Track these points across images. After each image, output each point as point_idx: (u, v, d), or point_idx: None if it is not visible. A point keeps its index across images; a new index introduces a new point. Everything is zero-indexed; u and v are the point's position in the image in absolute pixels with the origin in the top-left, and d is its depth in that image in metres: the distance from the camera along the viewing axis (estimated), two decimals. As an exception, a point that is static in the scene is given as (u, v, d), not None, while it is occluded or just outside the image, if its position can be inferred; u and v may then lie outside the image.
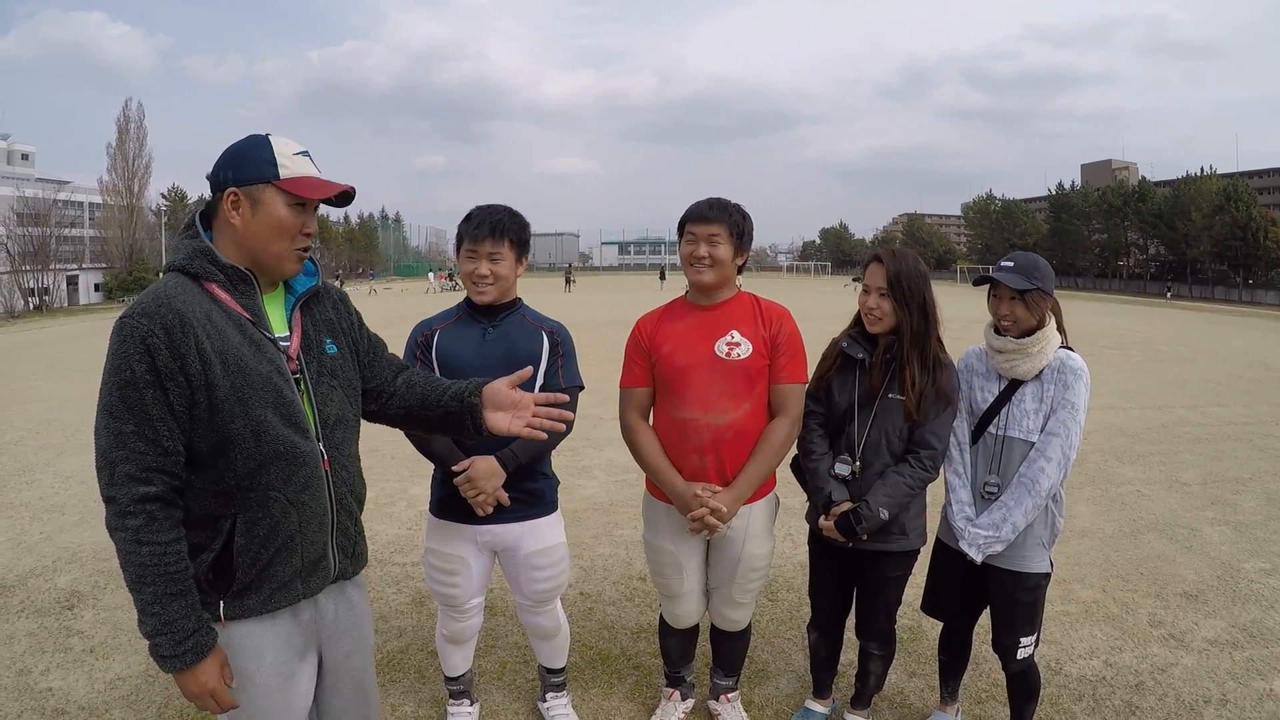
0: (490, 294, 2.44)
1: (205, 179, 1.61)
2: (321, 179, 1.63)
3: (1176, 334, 20.52)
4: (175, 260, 1.57)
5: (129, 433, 1.44)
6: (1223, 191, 54.89)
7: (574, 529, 4.81)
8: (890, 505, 2.41)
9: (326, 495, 1.65)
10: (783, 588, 3.99)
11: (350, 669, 1.78)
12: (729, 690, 2.81)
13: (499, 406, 1.80)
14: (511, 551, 2.54)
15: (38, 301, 37.41)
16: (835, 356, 2.59)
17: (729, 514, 2.37)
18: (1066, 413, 2.35)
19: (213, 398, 1.48)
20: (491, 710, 2.93)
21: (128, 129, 50.93)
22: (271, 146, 1.58)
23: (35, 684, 3.11)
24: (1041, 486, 2.34)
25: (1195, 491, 5.80)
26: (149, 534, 1.44)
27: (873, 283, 2.48)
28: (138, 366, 1.43)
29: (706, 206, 2.43)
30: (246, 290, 1.59)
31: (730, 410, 2.38)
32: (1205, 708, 2.94)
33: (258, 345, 1.56)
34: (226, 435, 1.50)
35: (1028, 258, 2.42)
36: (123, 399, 1.44)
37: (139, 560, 1.44)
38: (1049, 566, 2.45)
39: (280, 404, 1.56)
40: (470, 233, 2.40)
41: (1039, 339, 2.38)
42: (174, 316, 1.45)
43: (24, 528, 5.00)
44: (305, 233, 1.61)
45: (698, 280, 2.43)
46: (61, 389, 10.81)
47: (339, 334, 1.76)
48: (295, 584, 1.62)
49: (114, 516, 1.46)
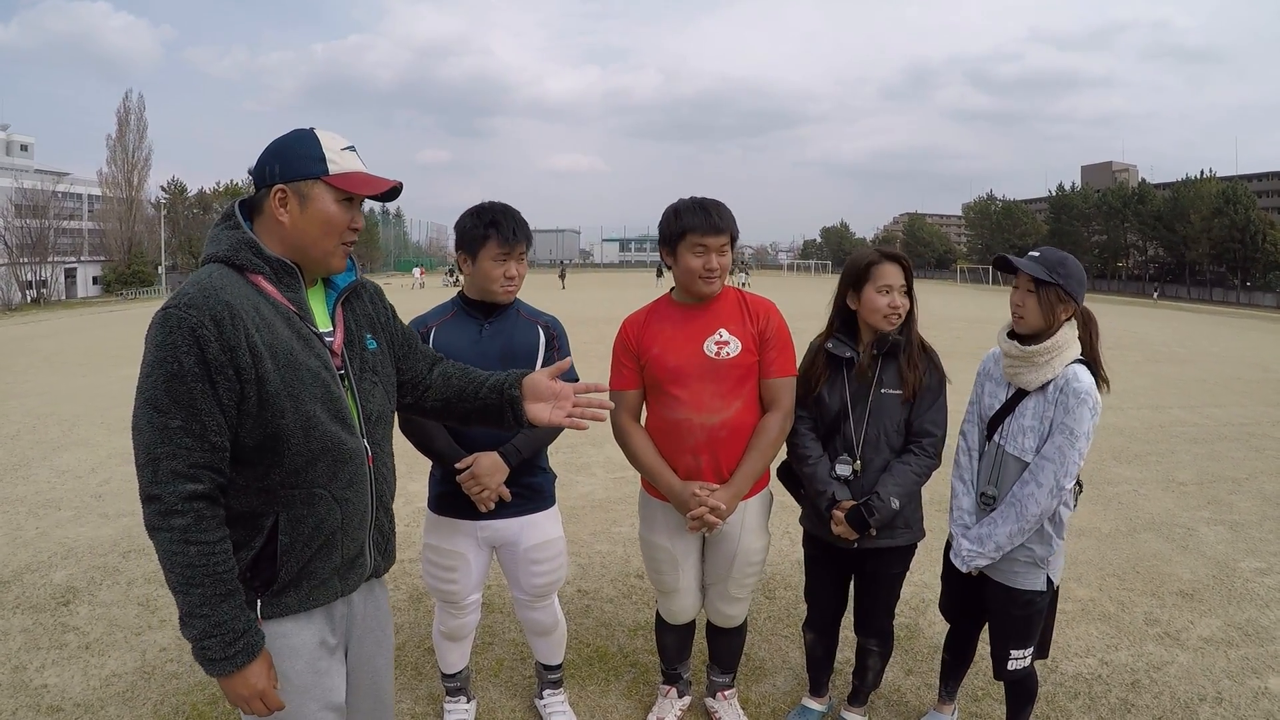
0: (514, 293, 2.48)
1: (248, 173, 1.59)
2: (370, 174, 1.60)
3: (1174, 335, 20.58)
4: (218, 251, 1.51)
5: (175, 428, 1.39)
6: (1222, 194, 55.04)
7: (572, 526, 4.82)
8: (900, 494, 2.40)
9: (369, 492, 1.64)
10: (780, 585, 3.99)
11: (373, 669, 1.76)
12: (726, 688, 2.81)
13: (539, 398, 1.79)
14: (510, 546, 2.54)
15: (35, 294, 37.34)
16: (819, 359, 2.56)
17: (728, 511, 2.37)
18: (1064, 438, 2.21)
19: (263, 392, 1.45)
20: (488, 707, 2.93)
21: (128, 121, 50.93)
22: (320, 141, 1.55)
23: (30, 680, 3.10)
24: (1029, 511, 2.25)
25: (1192, 491, 5.82)
26: (197, 533, 1.40)
27: (894, 282, 2.44)
28: (186, 359, 1.38)
29: (716, 217, 2.33)
30: (292, 284, 1.55)
31: (723, 409, 2.38)
32: (1200, 706, 2.95)
33: (305, 340, 1.54)
34: (276, 430, 1.47)
35: (1056, 253, 2.29)
36: (169, 392, 1.39)
37: (186, 560, 1.40)
38: (1045, 585, 2.36)
39: (328, 399, 1.54)
40: (503, 236, 2.38)
41: (1048, 349, 2.24)
42: (223, 308, 1.41)
43: (20, 523, 4.98)
44: (353, 228, 1.59)
45: (710, 291, 2.39)
46: (58, 383, 10.79)
47: (377, 329, 1.75)
48: (334, 581, 1.60)
49: (158, 515, 1.40)
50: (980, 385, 2.50)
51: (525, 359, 2.47)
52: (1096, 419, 2.24)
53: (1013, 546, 2.32)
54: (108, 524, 4.93)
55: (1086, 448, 2.23)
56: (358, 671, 1.74)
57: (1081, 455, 2.22)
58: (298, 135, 1.57)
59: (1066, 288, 2.24)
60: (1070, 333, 2.28)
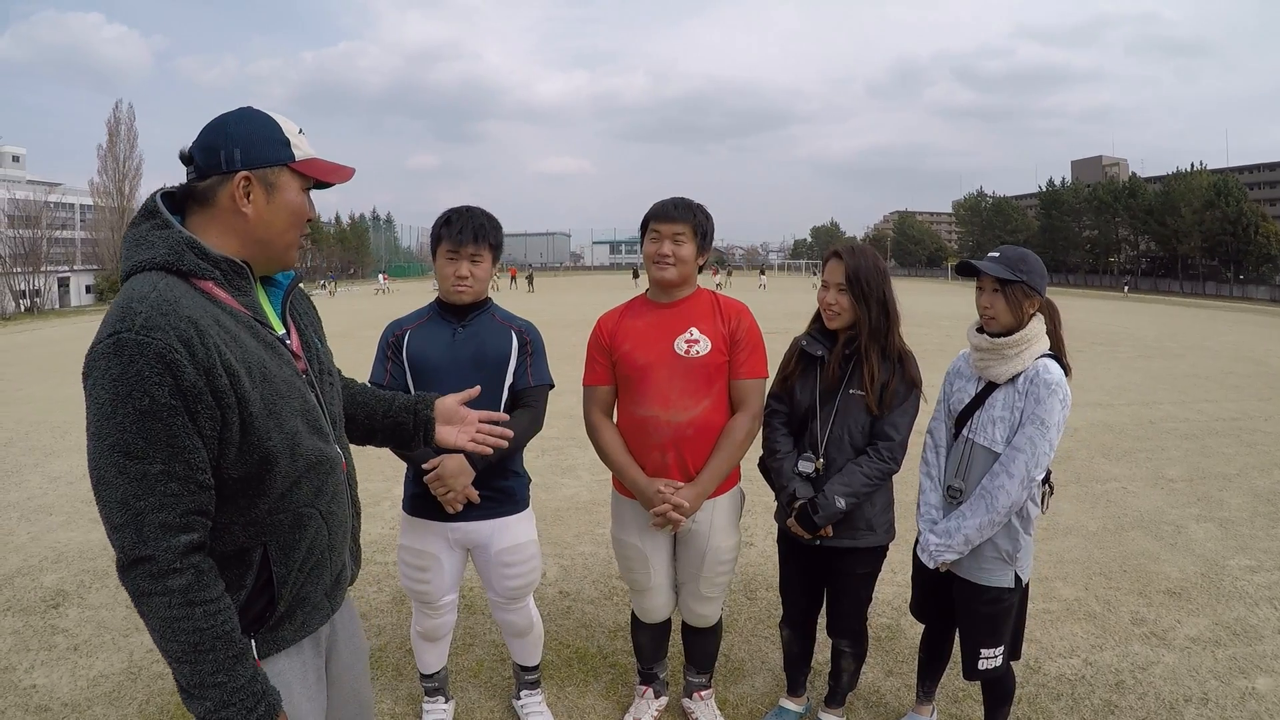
0: (469, 295, 2.48)
1: (180, 158, 1.36)
2: (330, 161, 1.47)
3: (1166, 329, 20.60)
4: (153, 255, 1.27)
5: (156, 473, 1.19)
6: (1213, 187, 55.10)
7: (556, 527, 4.82)
8: (847, 495, 2.40)
9: (347, 501, 1.55)
10: (761, 586, 3.96)
11: (353, 675, 1.71)
12: (702, 688, 2.80)
13: (449, 420, 1.81)
14: (483, 549, 2.55)
15: (29, 303, 37.23)
16: (796, 356, 2.59)
17: (691, 509, 2.38)
18: (1035, 429, 2.23)
19: (245, 415, 1.27)
20: (467, 707, 2.92)
21: (118, 131, 50.66)
22: (279, 124, 1.38)
23: (19, 681, 3.12)
24: (999, 503, 2.26)
25: (1181, 488, 5.81)
26: (199, 591, 1.22)
27: (831, 279, 2.47)
28: (157, 391, 1.17)
29: (672, 206, 2.44)
30: (244, 287, 1.37)
31: (690, 407, 2.39)
32: (1186, 706, 2.92)
33: (272, 348, 1.38)
34: (264, 455, 1.31)
35: (1016, 250, 2.33)
36: (142, 433, 1.18)
37: (193, 626, 1.21)
38: (1013, 582, 2.36)
39: (306, 410, 1.40)
40: (452, 236, 2.42)
41: (1017, 341, 2.28)
42: (188, 325, 1.21)
43: (11, 528, 5.00)
44: (310, 219, 1.47)
45: (661, 277, 2.44)
46: (51, 391, 10.76)
47: (318, 328, 1.64)
48: (324, 603, 1.50)
49: (149, 579, 1.19)
50: (949, 383, 2.53)
51: (497, 363, 2.47)
52: (1067, 411, 2.27)
53: (981, 540, 2.33)
54: (98, 529, 4.91)
55: (1057, 439, 2.26)
56: (339, 681, 1.69)
57: (1052, 446, 2.25)
58: (253, 115, 1.38)
59: (1030, 282, 2.29)
60: (1039, 326, 2.33)
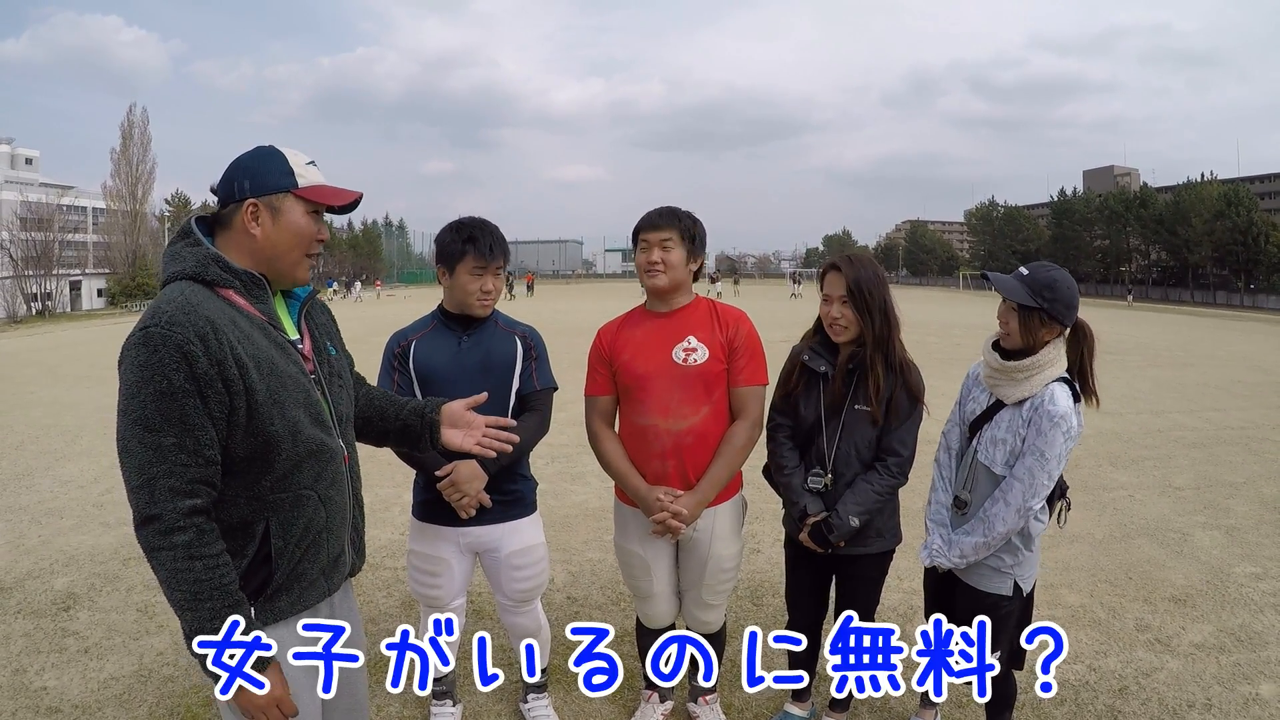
0: (491, 306, 2.53)
1: (210, 190, 1.64)
2: (335, 186, 1.68)
3: (1176, 339, 20.52)
4: (184, 268, 1.54)
5: (169, 445, 1.41)
6: (1224, 197, 54.85)
7: (565, 534, 4.85)
8: (860, 513, 2.43)
9: (348, 490, 1.72)
10: (768, 592, 3.99)
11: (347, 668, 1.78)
12: (707, 693, 2.83)
13: (454, 424, 1.93)
14: (492, 552, 2.58)
15: (41, 307, 37.54)
16: (797, 371, 2.58)
17: (690, 517, 2.40)
18: (1034, 460, 2.20)
19: (251, 402, 1.49)
20: (474, 711, 2.95)
21: (131, 134, 51.13)
22: (286, 157, 1.61)
23: (30, 683, 3.16)
24: (995, 530, 2.27)
25: (1188, 496, 5.80)
26: (200, 548, 1.42)
27: (832, 292, 2.45)
28: (175, 375, 1.40)
29: (656, 215, 2.48)
30: (262, 296, 1.61)
31: (690, 415, 2.42)
32: (1189, 712, 2.93)
33: (282, 348, 1.59)
34: (267, 438, 1.51)
35: (1047, 274, 2.20)
36: (160, 410, 1.40)
37: (193, 577, 1.42)
38: (1012, 590, 2.36)
39: (309, 404, 1.60)
40: (480, 252, 2.44)
41: (1026, 366, 2.21)
42: (205, 323, 1.44)
43: (23, 531, 5.05)
44: (319, 239, 1.66)
45: (653, 285, 2.46)
46: (62, 394, 10.86)
47: (334, 338, 1.84)
48: (321, 581, 1.66)
49: (158, 535, 1.41)
50: (966, 388, 2.52)
51: (503, 369, 2.51)
52: (1071, 442, 2.23)
53: (979, 558, 2.35)
54: (108, 532, 4.98)
55: (1058, 470, 2.24)
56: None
57: (1051, 478, 2.23)
58: (264, 152, 1.62)
59: (1051, 311, 2.19)
60: (1053, 352, 2.24)
